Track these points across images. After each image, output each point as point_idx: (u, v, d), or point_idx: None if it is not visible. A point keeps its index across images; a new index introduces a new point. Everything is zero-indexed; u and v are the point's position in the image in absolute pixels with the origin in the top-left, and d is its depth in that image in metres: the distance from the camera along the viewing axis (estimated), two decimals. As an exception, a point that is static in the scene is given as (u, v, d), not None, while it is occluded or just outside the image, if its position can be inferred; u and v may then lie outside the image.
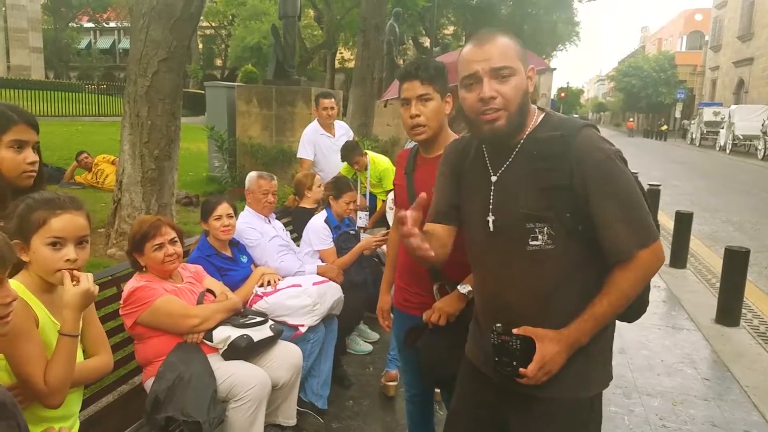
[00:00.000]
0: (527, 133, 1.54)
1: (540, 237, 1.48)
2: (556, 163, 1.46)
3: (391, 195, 4.69)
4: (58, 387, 1.54)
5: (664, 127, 42.54)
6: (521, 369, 1.48)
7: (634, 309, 1.66)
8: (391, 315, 2.51)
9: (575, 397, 1.57)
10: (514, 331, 1.51)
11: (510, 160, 1.55)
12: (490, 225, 1.57)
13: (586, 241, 1.47)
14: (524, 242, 1.50)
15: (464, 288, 2.04)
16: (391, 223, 3.59)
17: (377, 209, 5.15)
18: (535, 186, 1.48)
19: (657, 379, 3.82)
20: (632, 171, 1.54)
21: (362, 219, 4.85)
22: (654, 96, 48.00)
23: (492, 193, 1.57)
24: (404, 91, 2.14)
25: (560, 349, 1.48)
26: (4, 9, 31.60)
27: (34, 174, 1.84)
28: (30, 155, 1.82)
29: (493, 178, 1.58)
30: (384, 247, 3.66)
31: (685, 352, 4.28)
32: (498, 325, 1.54)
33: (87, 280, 1.58)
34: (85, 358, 1.74)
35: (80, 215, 1.64)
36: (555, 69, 55.13)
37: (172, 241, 2.60)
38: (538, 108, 1.60)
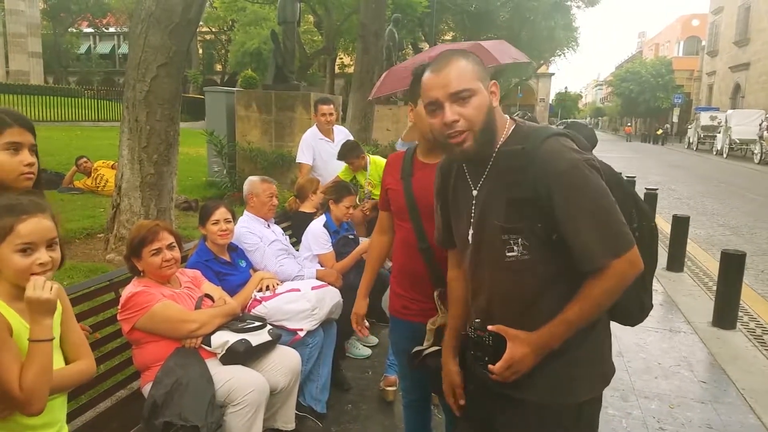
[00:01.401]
0: (498, 146, 1.56)
1: (515, 248, 1.51)
2: (520, 176, 1.48)
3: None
4: (35, 393, 1.49)
5: (660, 131, 42.73)
6: (489, 366, 1.53)
7: (634, 313, 1.67)
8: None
9: (558, 403, 1.57)
10: (489, 327, 1.55)
11: (485, 174, 1.58)
12: (470, 238, 1.63)
13: (561, 249, 1.47)
14: (502, 254, 1.53)
15: None
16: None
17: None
18: (504, 199, 1.52)
19: (654, 382, 3.83)
20: (629, 175, 1.54)
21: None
22: (651, 101, 48.18)
23: (473, 208, 1.61)
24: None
25: (529, 351, 1.50)
26: (2, 14, 31.67)
27: (33, 176, 1.84)
28: (27, 157, 1.81)
29: (474, 192, 1.61)
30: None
31: (682, 355, 4.29)
32: (477, 320, 1.61)
33: (33, 287, 1.50)
34: (66, 363, 1.70)
35: (46, 218, 1.58)
36: (554, 74, 55.28)
37: (170, 247, 2.61)
38: (511, 119, 1.62)
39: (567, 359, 1.54)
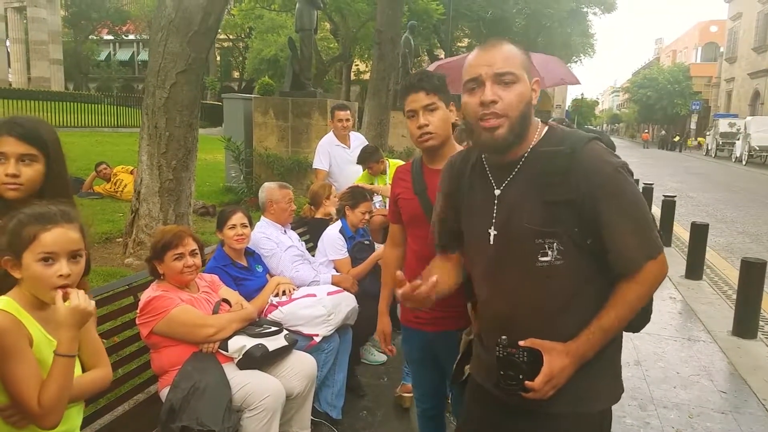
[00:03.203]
0: (531, 146, 1.51)
1: (549, 253, 1.45)
2: (562, 178, 1.44)
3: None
4: (53, 408, 1.48)
5: (677, 138, 42.33)
6: (527, 382, 1.44)
7: (638, 319, 1.63)
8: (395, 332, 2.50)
9: (583, 412, 1.54)
10: (521, 343, 1.46)
11: (513, 173, 1.52)
12: (491, 239, 1.55)
13: (594, 255, 1.46)
14: (533, 259, 1.47)
15: None
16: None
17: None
18: (541, 201, 1.46)
19: (673, 392, 3.78)
20: (647, 182, 1.54)
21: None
22: (669, 107, 47.72)
23: (495, 208, 1.54)
24: (409, 103, 2.15)
25: (568, 363, 1.45)
26: (25, 22, 32.28)
27: (15, 187, 1.74)
28: (9, 168, 1.73)
29: (497, 192, 1.55)
30: None
31: (701, 364, 4.23)
32: (503, 337, 1.49)
33: (78, 297, 1.50)
34: (83, 371, 1.68)
35: (72, 229, 1.56)
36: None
37: (192, 253, 2.64)
38: (542, 122, 1.57)
39: (591, 366, 1.50)
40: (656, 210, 8.98)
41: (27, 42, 32.11)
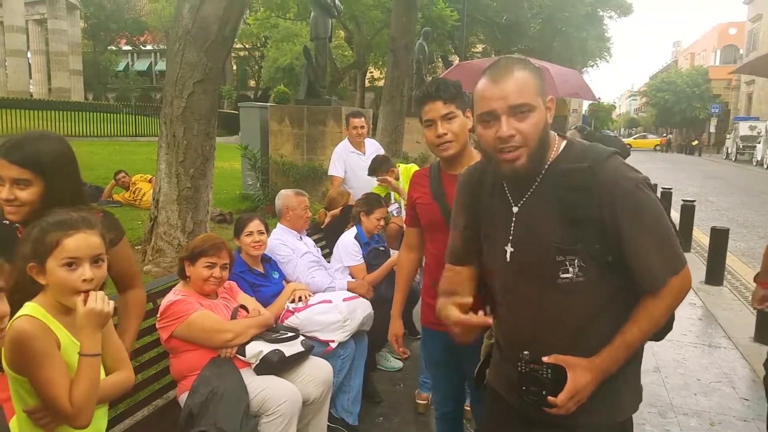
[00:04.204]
0: (549, 162, 1.51)
1: (571, 269, 1.45)
2: (584, 195, 1.42)
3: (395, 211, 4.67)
4: (84, 407, 1.53)
5: (695, 142, 41.82)
6: (550, 398, 1.44)
7: (661, 328, 1.62)
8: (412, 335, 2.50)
9: (606, 423, 1.55)
10: (545, 359, 1.46)
11: (531, 190, 1.51)
12: (507, 256, 1.54)
13: (616, 271, 1.45)
14: (554, 275, 1.47)
15: None
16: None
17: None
18: (561, 218, 1.45)
19: (694, 399, 3.73)
20: (666, 187, 1.53)
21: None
22: (688, 111, 47.19)
23: (513, 225, 1.54)
24: (427, 112, 2.17)
25: (591, 378, 1.44)
26: (46, 34, 32.92)
27: (14, 210, 1.77)
28: (3, 192, 1.74)
29: (515, 209, 1.54)
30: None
31: (722, 371, 4.16)
32: (525, 353, 1.49)
33: (95, 299, 1.54)
34: (106, 375, 1.71)
35: (94, 234, 1.59)
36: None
37: (223, 266, 2.70)
38: (559, 135, 1.57)
39: (615, 379, 1.50)
40: (675, 215, 8.88)
41: (48, 53, 32.75)
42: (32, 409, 1.53)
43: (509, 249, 1.55)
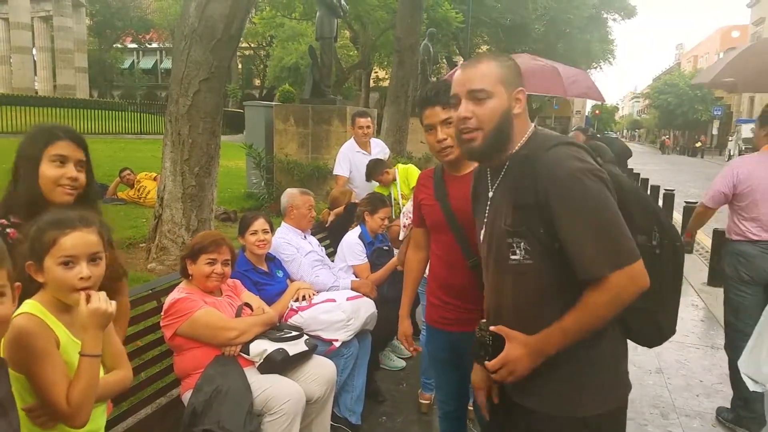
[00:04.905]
0: (515, 151, 1.60)
1: (518, 252, 1.53)
2: (525, 181, 1.51)
3: (405, 214, 4.66)
4: (81, 407, 1.52)
5: (698, 144, 41.74)
6: (486, 362, 1.59)
7: (649, 334, 1.63)
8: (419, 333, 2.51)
9: (562, 415, 1.55)
10: (491, 328, 1.60)
11: (501, 176, 1.63)
12: (481, 236, 1.70)
13: (566, 259, 1.47)
14: (506, 257, 1.56)
15: None
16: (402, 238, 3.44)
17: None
18: (512, 203, 1.55)
19: (696, 400, 3.73)
20: (668, 188, 1.52)
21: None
22: (690, 113, 47.11)
23: (487, 209, 1.67)
24: (427, 117, 2.18)
25: (524, 353, 1.52)
26: (51, 31, 33.00)
27: (73, 191, 1.85)
28: (70, 171, 1.84)
29: (490, 194, 1.67)
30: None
31: (725, 372, 4.13)
32: (483, 321, 1.69)
33: (98, 299, 1.55)
34: (105, 373, 1.72)
35: (91, 232, 1.60)
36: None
37: (224, 262, 2.71)
38: (535, 126, 1.64)
39: (569, 370, 1.54)
40: (678, 216, 8.85)
41: (53, 50, 32.82)
42: (30, 407, 1.53)
43: (482, 230, 1.69)
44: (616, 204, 1.46)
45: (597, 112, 56.64)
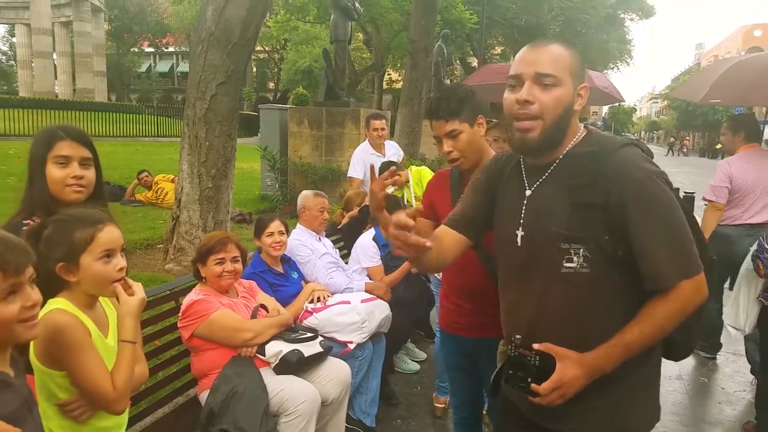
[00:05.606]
0: (567, 150, 1.47)
1: (575, 259, 1.39)
2: (591, 180, 1.38)
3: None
4: (125, 392, 1.60)
5: (719, 146, 41.19)
6: (534, 386, 1.39)
7: (680, 348, 1.57)
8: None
9: None
10: (535, 346, 1.41)
11: (546, 175, 1.49)
12: (518, 240, 1.51)
13: (627, 268, 1.38)
14: (558, 264, 1.41)
15: None
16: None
17: None
18: (568, 203, 1.41)
19: (717, 408, 3.67)
20: (688, 191, 1.49)
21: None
22: (710, 114, 46.53)
23: (524, 208, 1.51)
24: (433, 128, 2.17)
25: (581, 373, 1.37)
26: (71, 36, 33.48)
27: (80, 189, 1.89)
28: (74, 170, 1.87)
29: (527, 192, 1.51)
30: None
31: (747, 380, 4.09)
32: (517, 336, 1.46)
33: (140, 289, 1.67)
34: None
35: (116, 226, 1.66)
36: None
37: (233, 259, 2.72)
38: (585, 127, 1.53)
39: (621, 389, 1.43)
40: (698, 219, 8.72)
41: (73, 55, 33.29)
42: (66, 402, 1.57)
43: (520, 233, 1.51)
44: None
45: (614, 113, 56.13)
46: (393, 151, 5.49)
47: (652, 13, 32.86)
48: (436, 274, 2.92)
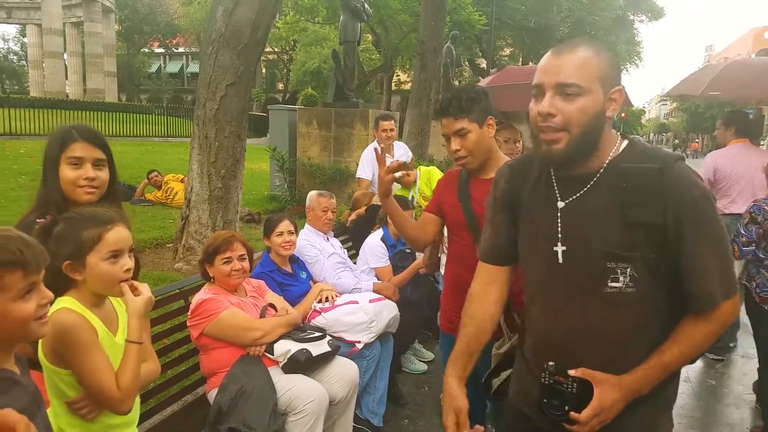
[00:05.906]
0: (608, 160, 1.39)
1: (621, 278, 1.32)
2: (649, 198, 1.30)
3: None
4: (130, 392, 1.61)
5: None
6: (573, 414, 1.33)
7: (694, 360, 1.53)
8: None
9: None
10: (571, 372, 1.36)
11: (587, 188, 1.39)
12: (559, 257, 1.41)
13: (667, 286, 1.34)
14: (601, 283, 1.34)
15: None
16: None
17: None
18: (619, 221, 1.32)
19: (725, 410, 3.66)
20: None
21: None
22: (720, 116, 46.13)
23: (560, 221, 1.41)
24: (443, 127, 2.18)
25: (619, 397, 1.33)
26: (82, 36, 33.74)
27: (92, 190, 1.89)
28: (87, 171, 1.87)
29: (560, 204, 1.42)
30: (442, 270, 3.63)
31: (755, 381, 4.07)
32: (551, 363, 1.39)
33: (147, 289, 1.66)
34: None
35: (125, 226, 1.66)
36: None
37: (240, 258, 2.74)
38: (621, 134, 1.44)
39: (654, 402, 1.40)
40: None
41: (83, 55, 33.51)
42: (73, 400, 1.59)
43: (560, 248, 1.41)
44: None
45: (623, 115, 55.89)
46: (402, 152, 5.50)
47: (661, 14, 32.72)
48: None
